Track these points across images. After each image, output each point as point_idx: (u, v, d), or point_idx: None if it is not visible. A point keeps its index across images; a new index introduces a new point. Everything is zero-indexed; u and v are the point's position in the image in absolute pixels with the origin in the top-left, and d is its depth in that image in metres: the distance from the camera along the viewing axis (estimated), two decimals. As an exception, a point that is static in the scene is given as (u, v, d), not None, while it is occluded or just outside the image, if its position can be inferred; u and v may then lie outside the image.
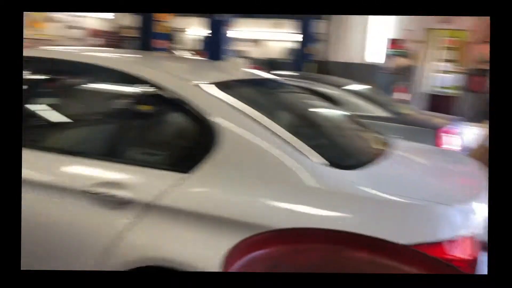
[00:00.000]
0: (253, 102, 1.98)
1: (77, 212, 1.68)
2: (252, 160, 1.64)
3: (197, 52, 5.47)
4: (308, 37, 9.27)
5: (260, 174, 1.61)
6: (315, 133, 2.14)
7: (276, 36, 11.97)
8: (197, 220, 1.52)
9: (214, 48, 4.62)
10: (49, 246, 1.75)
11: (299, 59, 9.18)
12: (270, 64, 5.59)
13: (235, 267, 0.83)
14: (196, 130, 1.77)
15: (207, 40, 4.81)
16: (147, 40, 4.48)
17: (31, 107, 2.32)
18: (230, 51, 5.00)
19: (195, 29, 8.57)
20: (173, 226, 1.55)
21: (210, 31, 4.68)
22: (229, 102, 1.78)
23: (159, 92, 1.83)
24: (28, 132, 2.15)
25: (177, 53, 4.83)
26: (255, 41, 12.24)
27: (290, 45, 10.63)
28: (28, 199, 1.75)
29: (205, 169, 1.62)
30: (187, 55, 4.78)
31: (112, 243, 1.59)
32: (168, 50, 4.69)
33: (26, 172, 1.80)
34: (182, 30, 7.26)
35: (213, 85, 1.87)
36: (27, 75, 2.10)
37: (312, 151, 1.65)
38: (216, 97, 1.80)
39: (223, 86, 1.91)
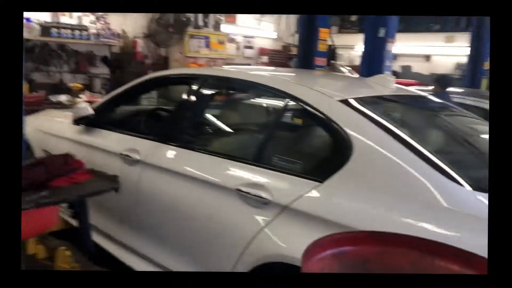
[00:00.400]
0: (396, 118, 2.01)
1: (229, 206, 1.96)
2: (385, 175, 1.67)
3: (355, 68, 5.52)
4: (487, 51, 8.40)
5: (391, 190, 1.63)
6: (463, 154, 2.04)
7: (448, 51, 11.13)
8: (324, 225, 1.63)
9: (372, 64, 4.64)
10: (202, 233, 2.08)
11: (475, 75, 8.37)
12: (439, 80, 5.27)
13: (320, 256, 0.92)
14: (334, 143, 1.90)
15: (365, 56, 4.85)
16: (308, 58, 4.75)
17: (205, 116, 2.78)
18: (390, 67, 4.94)
19: (354, 45, 8.62)
20: (303, 229, 1.69)
21: (369, 47, 4.72)
22: (368, 118, 1.85)
23: (305, 107, 2.01)
24: (199, 137, 2.61)
25: (335, 69, 4.98)
26: (425, 57, 11.59)
27: (464, 60, 9.77)
28: (193, 194, 2.14)
29: (338, 179, 1.72)
30: (345, 71, 4.89)
31: (252, 237, 1.82)
32: (327, 67, 4.89)
33: (193, 171, 2.20)
34: (341, 47, 7.41)
35: (354, 101, 1.96)
36: (203, 90, 2.53)
37: (451, 171, 1.61)
38: (355, 112, 1.89)
39: (365, 101, 1.99)
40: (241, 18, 8.09)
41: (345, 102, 1.96)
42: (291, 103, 2.09)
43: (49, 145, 3.14)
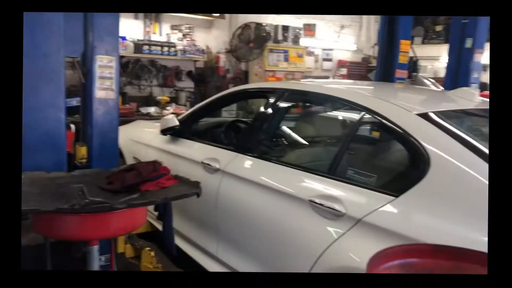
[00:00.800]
0: (478, 133, 1.93)
1: (302, 217, 2.01)
2: (464, 191, 1.61)
3: (439, 80, 5.28)
4: None
5: (470, 206, 1.57)
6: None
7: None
8: (398, 240, 1.60)
9: (457, 76, 4.42)
10: (274, 242, 2.14)
11: None
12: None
13: (387, 265, 0.92)
14: (411, 157, 1.86)
15: (450, 68, 4.63)
16: (388, 70, 4.65)
17: (282, 129, 2.87)
18: (478, 79, 4.66)
19: (439, 56, 8.24)
20: (376, 242, 1.67)
21: (454, 58, 4.51)
22: (448, 132, 1.80)
23: (382, 120, 2.00)
24: (275, 149, 2.69)
25: (417, 82, 4.81)
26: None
27: None
28: (267, 203, 2.21)
29: (415, 194, 1.69)
30: (428, 83, 4.71)
31: (324, 248, 1.84)
32: (408, 80, 4.74)
33: (268, 181, 2.27)
34: (424, 58, 7.13)
35: (434, 115, 1.92)
36: (280, 103, 2.61)
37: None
38: (434, 126, 1.84)
39: (445, 115, 1.93)
40: (320, 31, 8.13)
41: (424, 116, 1.92)
42: (367, 116, 2.09)
43: (139, 153, 3.42)
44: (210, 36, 7.02)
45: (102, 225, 1.60)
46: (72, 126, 2.93)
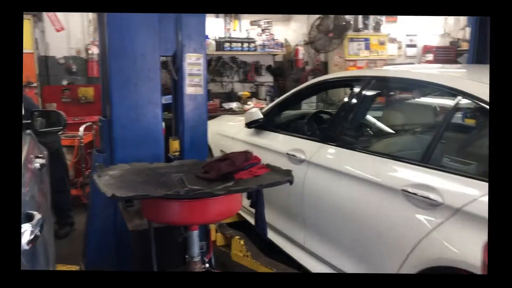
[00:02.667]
0: None
1: (393, 207, 1.95)
2: None
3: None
4: None
5: None
6: None
7: None
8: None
9: None
10: (364, 232, 2.11)
11: None
12: None
13: None
14: (516, 143, 1.72)
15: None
16: (483, 52, 4.32)
17: (369, 118, 2.80)
18: None
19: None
20: (476, 233, 1.58)
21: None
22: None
23: (481, 104, 1.87)
24: (363, 138, 2.63)
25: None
26: None
27: None
28: (356, 193, 2.18)
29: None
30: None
31: (419, 239, 1.77)
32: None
33: (358, 171, 2.23)
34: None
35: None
36: (366, 91, 2.55)
37: None
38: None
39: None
40: (402, 16, 7.77)
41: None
42: (464, 101, 1.97)
43: (225, 146, 3.55)
44: (289, 29, 7.04)
45: (203, 210, 1.70)
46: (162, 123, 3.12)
